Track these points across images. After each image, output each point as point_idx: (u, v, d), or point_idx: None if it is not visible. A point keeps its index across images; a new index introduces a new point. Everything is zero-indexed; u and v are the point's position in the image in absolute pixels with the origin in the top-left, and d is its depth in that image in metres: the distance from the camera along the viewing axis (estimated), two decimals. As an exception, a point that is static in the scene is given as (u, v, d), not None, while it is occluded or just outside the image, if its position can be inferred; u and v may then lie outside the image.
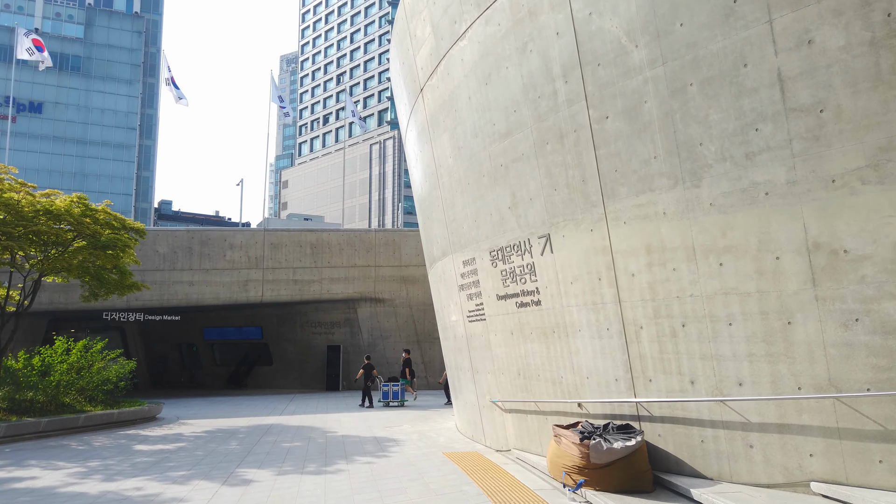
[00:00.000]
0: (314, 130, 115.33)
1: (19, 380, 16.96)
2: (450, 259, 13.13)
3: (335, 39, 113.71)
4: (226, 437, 14.28)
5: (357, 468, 10.29)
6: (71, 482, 9.41)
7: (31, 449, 12.86)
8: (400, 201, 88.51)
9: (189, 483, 9.28)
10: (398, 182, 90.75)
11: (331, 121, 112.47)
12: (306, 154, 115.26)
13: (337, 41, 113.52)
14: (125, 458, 11.51)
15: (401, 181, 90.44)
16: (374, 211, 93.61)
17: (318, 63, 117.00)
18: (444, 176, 12.71)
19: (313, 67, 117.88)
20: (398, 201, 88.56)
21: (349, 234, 30.19)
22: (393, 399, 22.20)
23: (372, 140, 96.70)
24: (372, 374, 22.80)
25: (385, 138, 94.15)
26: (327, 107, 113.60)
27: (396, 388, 22.30)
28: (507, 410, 11.40)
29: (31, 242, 15.40)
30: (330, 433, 14.74)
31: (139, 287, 18.34)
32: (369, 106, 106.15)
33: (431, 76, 12.50)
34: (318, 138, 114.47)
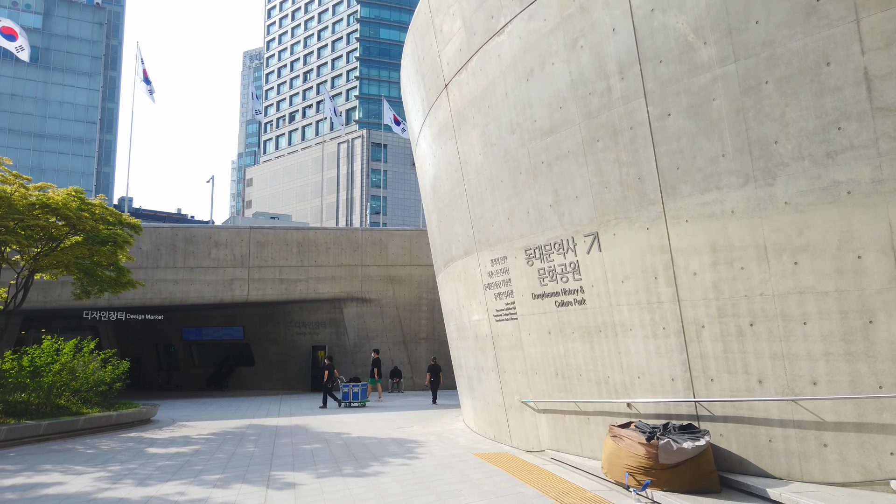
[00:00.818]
0: (280, 128, 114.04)
1: (8, 381, 16.28)
2: (473, 258, 12.96)
3: (302, 36, 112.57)
4: (237, 439, 13.88)
5: (395, 470, 10.05)
6: (103, 487, 8.99)
7: (35, 453, 12.31)
8: (368, 201, 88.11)
9: (231, 487, 8.95)
10: (366, 181, 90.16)
11: (297, 118, 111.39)
12: (271, 152, 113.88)
13: (304, 38, 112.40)
14: (146, 462, 11.07)
15: (369, 180, 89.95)
16: (342, 210, 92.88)
17: (283, 60, 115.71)
18: (470, 173, 12.53)
19: (279, 64, 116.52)
20: (366, 201, 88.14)
21: (336, 232, 29.80)
22: (354, 400, 22.18)
23: (340, 139, 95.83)
24: (333, 374, 22.55)
25: (353, 137, 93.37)
26: (293, 104, 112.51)
27: (357, 388, 22.31)
28: (540, 411, 11.28)
29: (26, 237, 14.76)
30: (343, 434, 14.45)
31: (134, 285, 17.77)
32: (336, 104, 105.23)
33: (460, 72, 12.31)
34: (283, 136, 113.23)
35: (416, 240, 31.01)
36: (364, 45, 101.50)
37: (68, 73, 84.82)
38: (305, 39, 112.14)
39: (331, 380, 22.41)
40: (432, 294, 31.02)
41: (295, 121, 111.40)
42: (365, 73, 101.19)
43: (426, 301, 30.96)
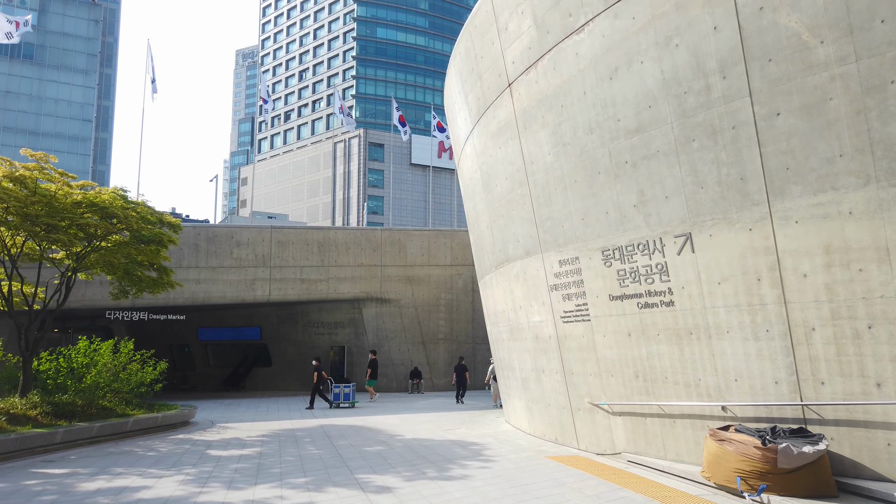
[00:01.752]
0: (275, 127, 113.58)
1: (47, 382, 16.02)
2: (537, 259, 12.82)
3: (297, 34, 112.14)
4: (290, 441, 13.65)
5: (479, 473, 9.90)
6: (195, 490, 8.78)
7: (95, 455, 12.05)
8: (365, 200, 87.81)
9: (325, 490, 8.75)
10: (363, 181, 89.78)
11: (293, 117, 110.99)
12: (266, 150, 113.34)
13: (299, 36, 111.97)
14: (217, 464, 10.84)
15: (366, 180, 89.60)
16: (338, 210, 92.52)
17: (279, 58, 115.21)
18: (536, 173, 12.39)
19: (274, 63, 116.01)
20: (363, 200, 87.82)
21: (356, 232, 29.59)
22: (344, 400, 22.26)
23: (336, 138, 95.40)
24: (322, 376, 22.57)
25: (350, 136, 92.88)
26: (289, 103, 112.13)
27: (348, 389, 22.44)
28: (615, 413, 11.15)
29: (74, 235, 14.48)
30: (397, 436, 14.27)
31: (173, 285, 17.50)
32: (333, 103, 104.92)
33: (528, 71, 12.16)
34: (278, 135, 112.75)
35: (434, 240, 30.84)
36: (361, 45, 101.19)
37: (63, 71, 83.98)
38: (301, 38, 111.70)
39: (321, 381, 22.49)
40: (450, 294, 30.87)
41: (290, 119, 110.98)
42: (362, 73, 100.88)
43: (444, 301, 30.80)
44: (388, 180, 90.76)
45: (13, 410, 13.57)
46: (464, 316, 31.22)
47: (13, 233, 14.70)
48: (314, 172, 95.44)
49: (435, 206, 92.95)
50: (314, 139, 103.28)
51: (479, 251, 16.77)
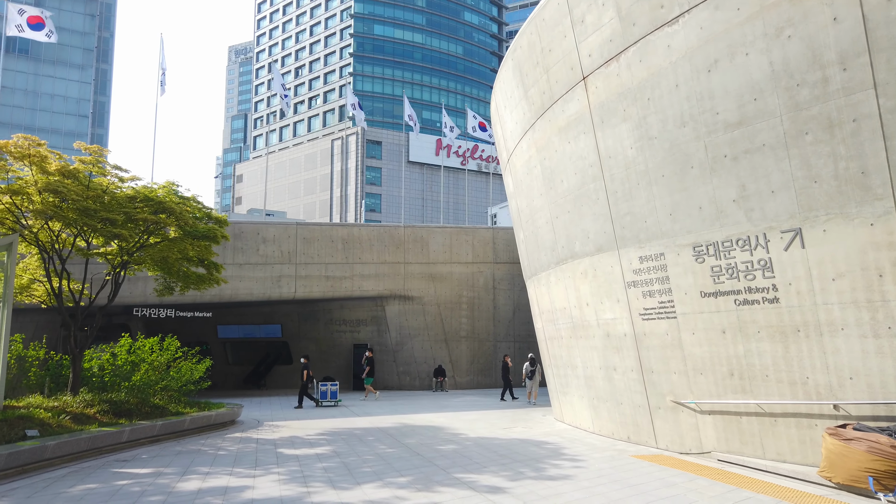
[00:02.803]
0: (270, 124, 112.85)
1: (92, 380, 15.68)
2: (611, 255, 12.63)
3: (293, 31, 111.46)
4: (356, 439, 13.37)
5: (579, 473, 9.68)
6: (302, 490, 8.49)
7: (166, 454, 11.74)
8: (362, 198, 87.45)
9: (436, 490, 8.50)
10: (361, 178, 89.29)
11: (288, 115, 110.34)
12: (262, 147, 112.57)
13: (295, 33, 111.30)
14: (302, 464, 10.55)
15: (364, 177, 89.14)
16: (335, 207, 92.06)
17: (274, 55, 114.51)
18: (614, 168, 12.19)
19: (270, 59, 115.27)
20: (361, 198, 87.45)
21: (379, 229, 29.30)
22: (331, 398, 22.29)
23: (333, 136, 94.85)
24: (309, 374, 22.66)
25: (347, 134, 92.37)
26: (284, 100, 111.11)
27: (335, 387, 22.54)
28: (704, 412, 10.97)
29: (131, 230, 14.14)
30: (460, 434, 14.05)
31: (219, 282, 17.15)
32: (329, 101, 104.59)
33: (608, 63, 11.96)
34: (274, 132, 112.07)
35: (455, 237, 30.62)
36: (358, 42, 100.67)
37: (59, 66, 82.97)
38: (297, 35, 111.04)
39: (310, 380, 22.60)
40: (472, 292, 30.66)
41: (286, 116, 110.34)
42: (359, 70, 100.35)
43: (466, 299, 30.59)
44: (386, 178, 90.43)
45: (70, 409, 13.24)
46: (485, 314, 31.03)
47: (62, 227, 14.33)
48: (311, 170, 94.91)
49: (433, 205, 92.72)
50: (311, 136, 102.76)
51: (532, 248, 16.54)
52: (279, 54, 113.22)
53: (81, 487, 8.98)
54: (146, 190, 14.68)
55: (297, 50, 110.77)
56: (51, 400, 14.14)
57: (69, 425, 12.19)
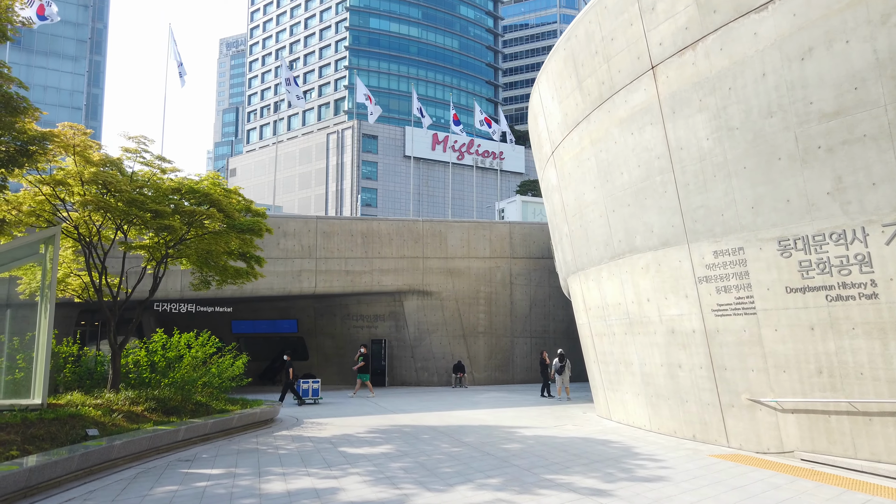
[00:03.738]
0: (264, 117, 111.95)
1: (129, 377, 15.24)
2: (679, 249, 12.32)
3: (288, 24, 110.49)
4: (409, 437, 12.98)
5: (672, 475, 9.38)
6: (397, 492, 8.11)
7: (227, 453, 11.34)
8: (358, 192, 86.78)
9: (536, 493, 8.15)
10: (357, 173, 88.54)
11: (282, 108, 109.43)
12: (255, 141, 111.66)
13: (290, 26, 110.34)
14: (375, 463, 10.15)
15: (360, 172, 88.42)
16: (331, 202, 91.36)
17: (268, 48, 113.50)
18: (685, 160, 11.87)
19: (263, 52, 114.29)
20: (357, 192, 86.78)
21: (398, 223, 28.89)
22: (313, 395, 22.07)
23: (329, 129, 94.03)
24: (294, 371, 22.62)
25: (343, 128, 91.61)
26: (279, 93, 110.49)
27: (316, 385, 22.27)
28: (786, 410, 10.70)
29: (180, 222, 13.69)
30: (516, 432, 13.74)
31: (257, 276, 16.71)
32: (325, 94, 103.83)
33: (682, 52, 11.63)
34: (268, 125, 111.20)
35: (472, 232, 30.28)
36: (354, 35, 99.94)
37: (52, 57, 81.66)
38: (291, 27, 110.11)
39: (294, 377, 22.46)
40: (489, 287, 30.35)
41: (280, 110, 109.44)
42: (355, 63, 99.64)
43: (484, 294, 30.27)
44: (382, 172, 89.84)
45: (116, 406, 12.81)
46: (502, 309, 30.73)
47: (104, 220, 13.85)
48: (306, 164, 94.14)
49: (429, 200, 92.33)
50: (305, 130, 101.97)
51: (580, 243, 16.19)
52: (273, 47, 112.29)
53: (163, 490, 8.58)
54: (191, 182, 14.22)
55: (291, 43, 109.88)
56: (90, 397, 13.71)
57: (124, 424, 11.76)
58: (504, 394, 24.44)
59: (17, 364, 14.98)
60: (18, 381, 15.10)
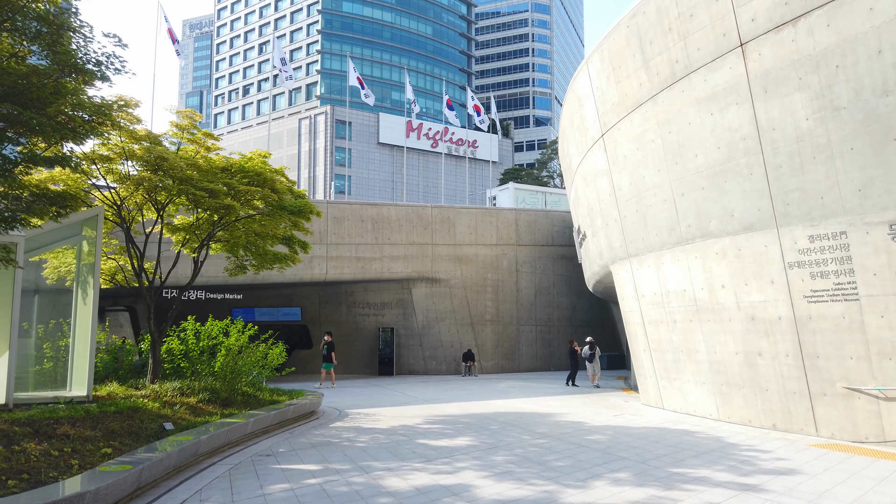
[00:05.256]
0: (232, 101, 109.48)
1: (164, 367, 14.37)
2: (766, 234, 11.95)
3: (257, 5, 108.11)
4: (478, 428, 12.40)
5: (796, 467, 9.00)
6: (538, 490, 7.54)
7: (302, 447, 10.60)
8: (332, 179, 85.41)
9: (685, 489, 7.66)
10: (330, 159, 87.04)
11: (252, 92, 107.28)
12: (223, 126, 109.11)
13: (259, 7, 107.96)
14: (477, 457, 9.53)
15: (333, 158, 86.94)
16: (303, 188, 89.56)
17: (236, 29, 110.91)
18: (778, 141, 11.47)
19: (231, 34, 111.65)
20: (330, 179, 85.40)
21: (407, 209, 28.17)
22: None
23: (301, 115, 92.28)
24: None
25: (316, 113, 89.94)
26: (247, 77, 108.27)
27: None
28: (890, 399, 10.42)
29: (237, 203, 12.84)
30: (581, 423, 13.27)
31: (296, 261, 15.90)
32: (296, 78, 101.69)
33: (779, 29, 11.20)
34: (236, 110, 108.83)
35: (480, 218, 29.74)
36: (326, 18, 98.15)
37: (13, 33, 78.10)
38: (261, 9, 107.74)
39: None
40: (496, 275, 29.88)
41: (249, 94, 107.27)
42: (327, 48, 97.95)
43: (491, 282, 29.79)
44: (356, 159, 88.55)
45: (166, 398, 11.98)
46: (509, 297, 30.31)
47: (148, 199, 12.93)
48: (277, 149, 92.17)
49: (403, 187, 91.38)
50: (276, 115, 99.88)
51: (634, 228, 15.73)
52: (242, 29, 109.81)
53: (277, 488, 7.88)
54: (243, 159, 13.35)
55: (260, 25, 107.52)
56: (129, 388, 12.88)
57: (188, 417, 10.95)
58: (522, 382, 24.00)
59: (45, 353, 14.02)
60: (46, 371, 14.12)
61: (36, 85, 7.99)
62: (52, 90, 8.09)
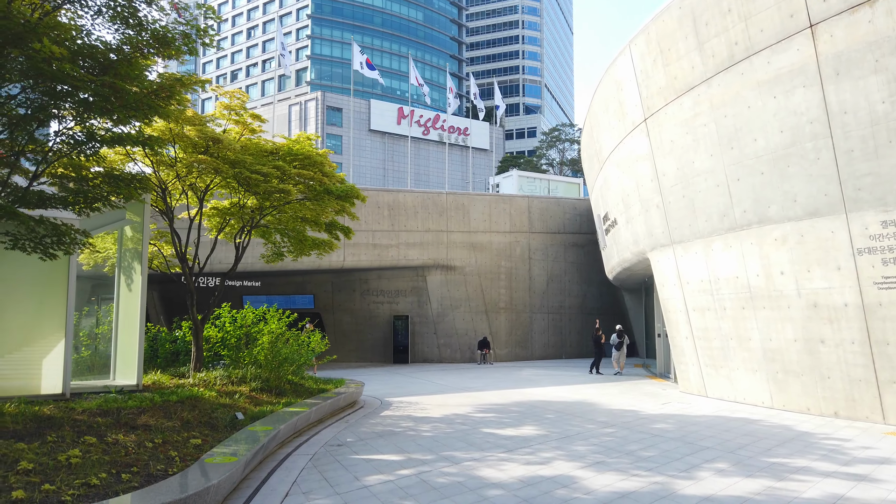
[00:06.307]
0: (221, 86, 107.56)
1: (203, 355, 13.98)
2: (832, 219, 11.75)
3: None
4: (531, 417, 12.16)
5: (892, 456, 8.82)
6: (638, 480, 7.29)
7: (369, 437, 10.27)
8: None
9: (795, 478, 7.45)
10: (321, 146, 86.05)
11: (240, 77, 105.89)
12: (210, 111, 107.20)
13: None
14: (558, 448, 9.27)
15: (324, 145, 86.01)
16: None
17: (224, 13, 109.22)
18: (850, 125, 11.25)
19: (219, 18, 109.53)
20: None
21: (423, 195, 27.79)
22: None
23: (291, 101, 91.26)
24: None
25: (306, 99, 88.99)
26: (236, 62, 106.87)
27: None
28: (970, 386, 10.29)
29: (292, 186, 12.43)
30: (635, 411, 13.06)
31: (334, 247, 15.52)
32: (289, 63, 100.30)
33: (854, 10, 10.95)
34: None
35: (494, 206, 29.45)
36: (316, 3, 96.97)
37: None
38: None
39: None
40: (509, 262, 29.63)
41: (238, 79, 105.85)
42: (317, 33, 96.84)
43: (504, 269, 29.54)
44: (347, 146, 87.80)
45: (217, 387, 11.62)
46: (522, 285, 30.09)
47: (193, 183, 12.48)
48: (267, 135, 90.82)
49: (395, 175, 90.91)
50: (265, 101, 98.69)
51: (680, 214, 15.49)
52: (229, 13, 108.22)
53: (374, 479, 7.57)
54: (290, 142, 12.93)
55: (248, 9, 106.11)
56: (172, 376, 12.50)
57: (249, 406, 10.58)
58: (542, 370, 23.79)
59: (82, 341, 13.60)
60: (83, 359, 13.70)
61: (120, 60, 7.55)
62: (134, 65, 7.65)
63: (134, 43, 7.75)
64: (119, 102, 7.16)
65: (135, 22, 7.99)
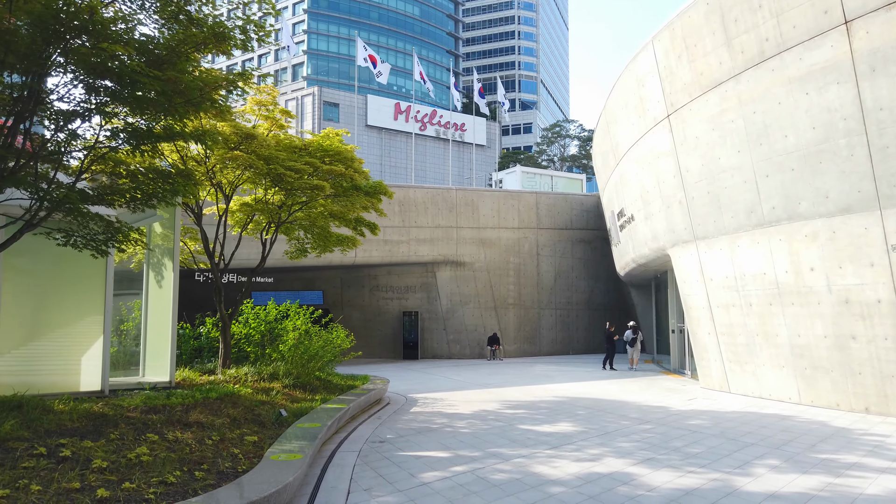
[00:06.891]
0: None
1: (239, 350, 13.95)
2: (866, 216, 11.77)
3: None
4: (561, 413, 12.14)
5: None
6: (697, 477, 7.28)
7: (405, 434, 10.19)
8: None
9: (853, 474, 7.47)
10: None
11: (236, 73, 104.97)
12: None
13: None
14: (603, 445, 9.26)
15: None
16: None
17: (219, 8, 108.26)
18: (885, 121, 11.27)
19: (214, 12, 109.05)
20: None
21: (432, 191, 27.74)
22: None
23: (287, 96, 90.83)
24: None
25: (303, 94, 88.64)
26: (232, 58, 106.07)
27: None
28: None
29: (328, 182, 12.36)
30: (665, 407, 13.08)
31: (357, 243, 15.45)
32: (281, 58, 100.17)
33: (889, 6, 10.95)
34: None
35: (503, 202, 29.42)
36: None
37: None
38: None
39: None
40: (518, 258, 29.62)
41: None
42: (314, 28, 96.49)
43: (513, 265, 29.53)
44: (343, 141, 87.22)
45: (249, 384, 11.55)
46: (530, 280, 30.09)
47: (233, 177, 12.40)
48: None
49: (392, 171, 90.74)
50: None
51: (704, 211, 15.48)
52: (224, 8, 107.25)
53: (432, 476, 7.52)
54: (320, 138, 12.85)
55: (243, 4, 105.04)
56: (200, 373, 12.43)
57: (287, 403, 10.53)
58: (554, 366, 23.81)
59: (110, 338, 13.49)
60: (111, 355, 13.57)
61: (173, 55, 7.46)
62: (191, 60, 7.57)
63: (190, 38, 7.65)
64: (183, 98, 7.07)
65: (185, 18, 7.90)
